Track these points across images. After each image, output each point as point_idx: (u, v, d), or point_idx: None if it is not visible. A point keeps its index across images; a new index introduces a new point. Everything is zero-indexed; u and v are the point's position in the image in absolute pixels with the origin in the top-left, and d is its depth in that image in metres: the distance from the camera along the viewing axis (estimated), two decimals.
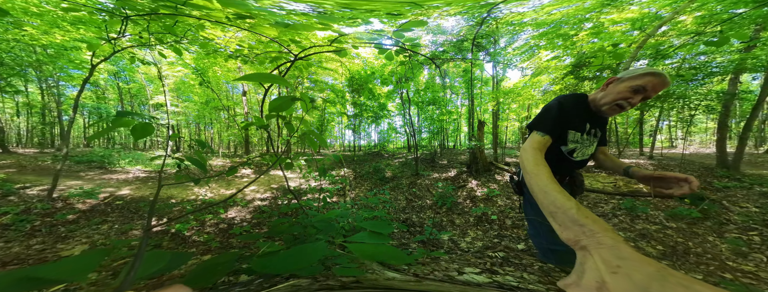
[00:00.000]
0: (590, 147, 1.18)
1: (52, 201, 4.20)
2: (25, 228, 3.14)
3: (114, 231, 3.33)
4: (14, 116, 17.99)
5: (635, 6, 4.53)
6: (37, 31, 5.09)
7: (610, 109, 1.05)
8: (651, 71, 0.96)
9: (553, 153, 1.11)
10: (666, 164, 6.75)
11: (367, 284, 0.94)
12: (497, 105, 8.23)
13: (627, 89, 0.99)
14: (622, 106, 1.01)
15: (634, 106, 1.00)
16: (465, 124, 17.42)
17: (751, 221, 2.74)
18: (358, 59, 12.03)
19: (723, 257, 2.13)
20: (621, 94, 1.00)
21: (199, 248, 2.84)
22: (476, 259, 2.08)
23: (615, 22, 4.92)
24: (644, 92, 0.97)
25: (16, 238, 2.89)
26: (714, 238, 2.49)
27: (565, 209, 0.49)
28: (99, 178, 6.79)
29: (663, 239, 2.54)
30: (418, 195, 5.45)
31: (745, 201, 3.41)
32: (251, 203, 5.09)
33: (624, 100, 0.99)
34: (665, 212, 3.16)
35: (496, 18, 4.04)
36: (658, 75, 0.95)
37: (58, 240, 2.94)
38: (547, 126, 0.98)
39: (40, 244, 2.81)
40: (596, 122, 1.16)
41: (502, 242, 2.81)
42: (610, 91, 1.04)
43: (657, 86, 0.95)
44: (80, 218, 3.69)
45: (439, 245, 2.71)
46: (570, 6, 3.84)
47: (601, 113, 1.09)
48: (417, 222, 3.75)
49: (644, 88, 0.96)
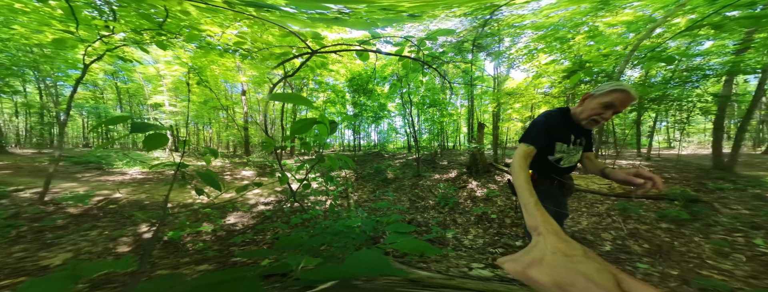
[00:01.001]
0: (576, 155, 1.31)
1: (44, 205, 4.00)
2: (9, 234, 2.98)
3: (102, 238, 3.13)
4: (12, 117, 17.91)
5: (629, 9, 4.60)
6: (26, 30, 4.95)
7: (588, 123, 1.16)
8: (617, 88, 1.05)
9: (543, 162, 1.27)
10: (663, 165, 6.82)
11: (426, 282, 1.04)
12: (498, 106, 8.28)
13: (598, 105, 1.09)
14: (597, 121, 1.12)
15: (607, 119, 1.11)
16: (464, 125, 17.48)
17: (738, 223, 2.82)
18: (358, 60, 12.07)
19: (704, 256, 2.22)
20: (594, 111, 1.11)
21: (193, 257, 2.62)
22: (479, 255, 2.34)
23: (610, 25, 4.98)
24: (614, 108, 1.07)
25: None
26: (699, 238, 2.57)
27: (526, 204, 0.63)
28: (95, 180, 6.60)
29: (651, 239, 2.63)
30: (421, 196, 5.53)
31: (736, 203, 3.47)
32: (255, 207, 4.91)
33: (597, 116, 1.11)
34: (656, 213, 3.23)
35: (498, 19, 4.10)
36: (623, 91, 1.04)
37: (41, 247, 2.79)
38: (532, 139, 1.09)
39: (22, 251, 2.65)
40: (581, 132, 1.28)
41: (501, 239, 2.97)
42: (586, 106, 1.15)
43: (624, 101, 1.05)
44: (70, 224, 3.51)
45: (445, 243, 2.84)
46: (567, 9, 3.90)
47: (581, 126, 1.21)
48: (422, 222, 3.86)
49: (612, 104, 1.06)
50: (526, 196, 0.66)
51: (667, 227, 2.90)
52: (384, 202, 4.56)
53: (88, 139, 22.00)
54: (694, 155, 11.30)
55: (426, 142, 12.01)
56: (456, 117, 14.66)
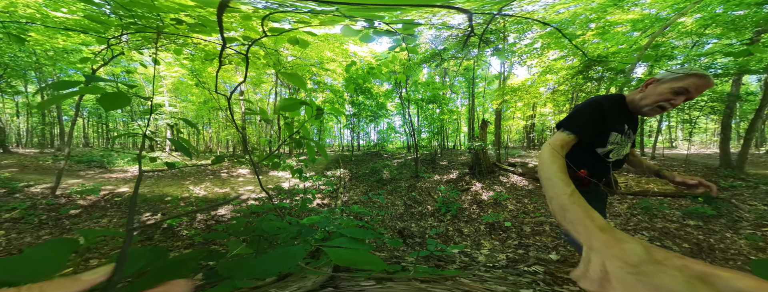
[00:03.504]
0: (626, 147, 1.17)
1: (56, 198, 4.50)
2: (33, 221, 3.47)
3: (113, 225, 3.65)
4: (14, 117, 17.94)
5: (637, 8, 4.53)
6: (41, 36, 5.27)
7: (651, 111, 1.04)
8: (695, 73, 0.95)
9: (588, 155, 1.11)
10: (669, 165, 6.74)
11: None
12: (502, 103, 8.16)
13: (668, 91, 0.98)
14: (664, 108, 1.01)
15: (675, 107, 1.00)
16: (465, 124, 17.39)
17: (762, 218, 2.82)
18: (355, 58, 12.03)
19: (744, 251, 2.21)
20: (662, 96, 0.99)
21: (184, 242, 3.01)
22: (514, 277, 1.65)
23: (618, 23, 4.91)
24: (687, 94, 0.96)
25: (26, 230, 3.22)
26: (731, 234, 2.56)
27: (558, 195, 0.50)
28: (99, 177, 6.98)
29: (686, 237, 2.59)
30: (419, 200, 5.08)
31: (752, 199, 3.47)
32: (246, 202, 5.20)
33: (666, 102, 0.99)
34: (681, 210, 3.20)
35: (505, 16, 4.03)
36: (702, 76, 0.93)
37: (64, 232, 3.29)
38: (576, 127, 0.97)
39: (48, 235, 3.15)
40: (632, 123, 1.16)
41: (528, 252, 2.49)
42: (650, 92, 1.03)
43: (700, 87, 0.94)
44: (82, 213, 4.01)
45: (449, 260, 2.24)
46: (578, 5, 3.83)
47: (640, 114, 1.09)
48: (417, 232, 3.39)
49: (687, 89, 0.95)
50: (560, 186, 0.54)
51: (696, 224, 2.86)
52: (364, 209, 4.18)
53: (89, 138, 22.03)
54: (698, 154, 11.20)
55: (425, 141, 11.90)
56: (456, 115, 14.58)
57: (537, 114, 14.22)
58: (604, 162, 1.13)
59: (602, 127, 1.04)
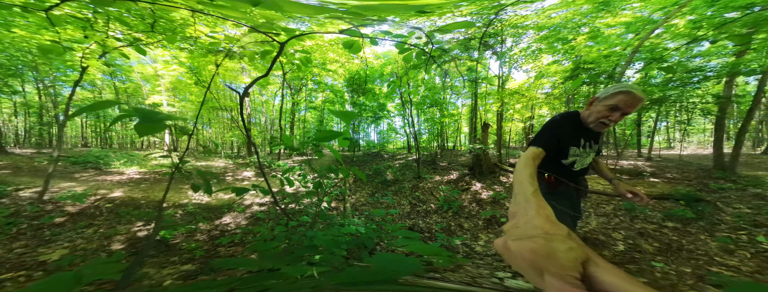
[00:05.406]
0: (588, 157, 1.34)
1: (43, 203, 4.13)
2: (10, 231, 3.09)
3: (98, 235, 3.25)
4: (12, 117, 17.83)
5: (628, 10, 4.62)
6: (26, 32, 4.96)
7: (597, 126, 1.17)
8: (621, 90, 1.04)
9: (556, 165, 1.29)
10: (664, 166, 6.84)
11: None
12: (502, 106, 8.27)
13: (604, 108, 1.10)
14: (606, 123, 1.12)
15: (616, 122, 1.11)
16: (465, 125, 17.45)
17: (741, 221, 2.87)
18: (357, 59, 12.06)
19: (711, 253, 2.28)
20: (600, 113, 1.11)
21: (182, 257, 2.60)
22: (500, 263, 2.12)
23: (609, 26, 5.00)
24: (620, 110, 1.06)
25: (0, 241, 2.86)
26: (705, 237, 2.63)
27: (523, 191, 0.56)
28: (93, 179, 6.61)
29: (659, 237, 2.66)
30: (422, 199, 5.36)
31: (738, 202, 3.52)
32: (249, 208, 4.95)
33: (605, 118, 1.11)
34: (663, 212, 3.27)
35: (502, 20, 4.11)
36: (628, 93, 1.03)
37: (40, 244, 2.91)
38: (544, 142, 1.10)
39: (22, 247, 2.77)
40: (590, 136, 1.30)
41: None
42: (592, 110, 1.16)
43: (630, 102, 1.04)
44: (68, 221, 3.63)
45: (454, 250, 2.70)
46: (568, 9, 3.91)
47: (590, 129, 1.22)
48: (424, 228, 3.71)
49: (617, 106, 1.06)
50: (525, 184, 0.60)
51: (674, 226, 2.94)
52: (380, 209, 4.29)
53: (87, 139, 21.91)
54: (694, 155, 11.33)
55: (426, 142, 12.00)
56: (457, 117, 14.65)
57: (535, 115, 14.35)
58: (570, 170, 1.31)
59: (559, 144, 1.19)
